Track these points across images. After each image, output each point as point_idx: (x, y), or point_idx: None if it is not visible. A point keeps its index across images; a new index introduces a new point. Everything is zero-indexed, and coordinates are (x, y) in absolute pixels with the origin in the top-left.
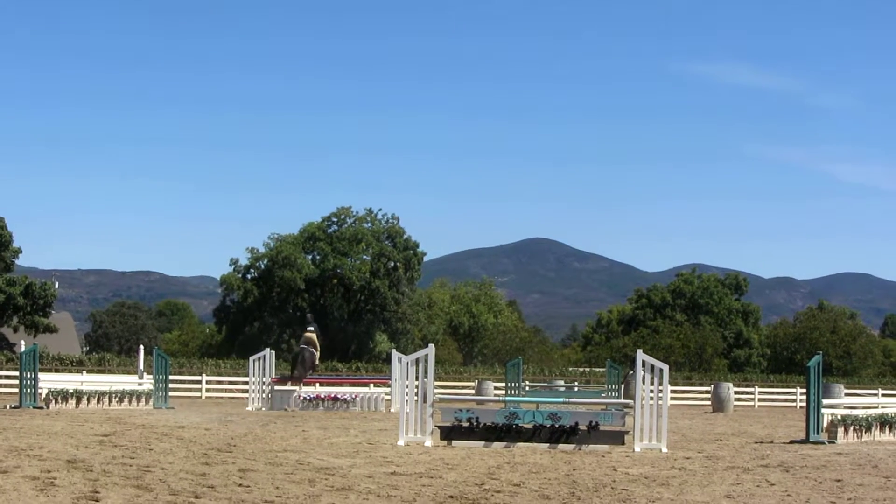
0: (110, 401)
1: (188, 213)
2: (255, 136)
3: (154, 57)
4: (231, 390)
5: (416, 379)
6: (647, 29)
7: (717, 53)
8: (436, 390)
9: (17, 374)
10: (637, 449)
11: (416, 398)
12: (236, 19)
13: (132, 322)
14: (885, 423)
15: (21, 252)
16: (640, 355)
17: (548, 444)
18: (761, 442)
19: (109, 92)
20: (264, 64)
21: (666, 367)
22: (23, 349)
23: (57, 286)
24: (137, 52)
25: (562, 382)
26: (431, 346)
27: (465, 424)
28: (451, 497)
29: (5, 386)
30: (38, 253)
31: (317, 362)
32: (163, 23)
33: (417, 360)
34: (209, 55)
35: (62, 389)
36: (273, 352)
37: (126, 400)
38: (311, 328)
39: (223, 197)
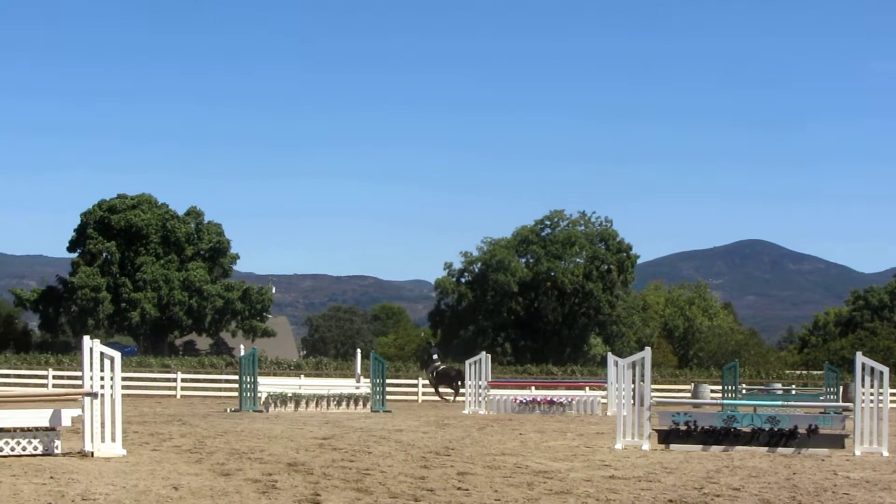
0: (328, 404)
1: (403, 218)
2: (468, 140)
3: (360, 57)
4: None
5: (633, 382)
6: (850, 28)
7: None
8: (652, 393)
9: (236, 378)
10: (857, 453)
11: (632, 401)
12: (450, 20)
13: (348, 326)
14: None
15: (239, 258)
16: (860, 358)
17: (766, 448)
18: None
19: (323, 94)
20: (476, 66)
21: (886, 370)
22: (242, 353)
23: (274, 291)
24: (345, 51)
25: (779, 385)
26: (648, 349)
27: (683, 428)
28: (671, 501)
29: (226, 390)
30: (255, 258)
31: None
32: (372, 22)
33: (634, 364)
34: (416, 55)
35: (281, 393)
36: (489, 355)
37: (344, 403)
38: (439, 361)
39: (437, 201)
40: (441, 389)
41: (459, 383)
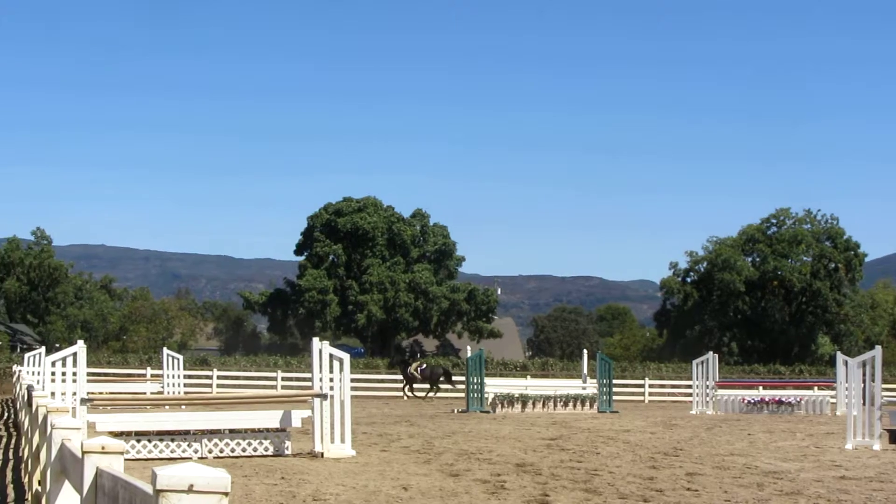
0: (555, 405)
1: (627, 218)
2: (693, 140)
3: (583, 58)
4: (674, 394)
5: (863, 382)
6: None
7: None
8: (882, 393)
9: (463, 378)
10: None
11: (862, 401)
12: (689, 20)
13: (573, 327)
14: None
15: (464, 260)
16: None
17: None
18: None
19: (547, 97)
20: (709, 68)
21: None
22: (468, 354)
23: (499, 292)
24: (575, 53)
25: None
26: (878, 347)
27: None
28: None
29: (453, 391)
30: (480, 260)
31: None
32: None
33: (863, 363)
34: (650, 57)
35: (508, 394)
36: (716, 355)
37: (570, 404)
38: (423, 362)
39: (662, 201)
40: (416, 386)
41: (443, 380)
